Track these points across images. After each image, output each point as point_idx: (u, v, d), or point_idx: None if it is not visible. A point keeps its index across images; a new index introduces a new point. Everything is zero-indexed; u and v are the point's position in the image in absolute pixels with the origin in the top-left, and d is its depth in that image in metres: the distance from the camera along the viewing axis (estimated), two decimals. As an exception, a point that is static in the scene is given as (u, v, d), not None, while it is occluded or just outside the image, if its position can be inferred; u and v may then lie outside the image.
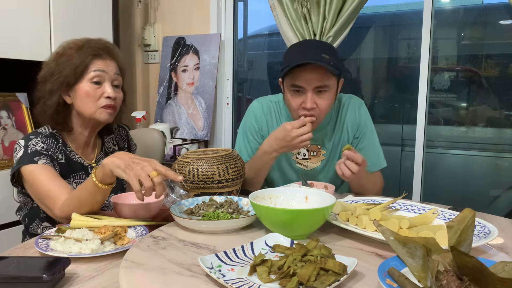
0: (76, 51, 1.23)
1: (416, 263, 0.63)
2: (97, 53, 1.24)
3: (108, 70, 1.25)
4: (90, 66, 1.22)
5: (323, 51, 1.35)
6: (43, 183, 1.17)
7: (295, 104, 1.39)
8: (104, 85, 1.24)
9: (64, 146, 1.28)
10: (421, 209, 1.10)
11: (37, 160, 1.19)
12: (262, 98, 1.61)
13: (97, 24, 2.43)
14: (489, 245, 0.91)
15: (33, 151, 1.20)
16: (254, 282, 0.70)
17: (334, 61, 1.33)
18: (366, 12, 3.00)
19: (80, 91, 1.22)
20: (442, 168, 3.11)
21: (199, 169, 1.21)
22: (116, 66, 1.29)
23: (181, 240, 0.93)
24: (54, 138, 1.27)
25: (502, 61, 2.98)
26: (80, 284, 0.79)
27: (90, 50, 1.23)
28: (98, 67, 1.23)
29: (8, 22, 1.99)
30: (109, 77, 1.25)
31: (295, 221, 0.89)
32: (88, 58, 1.22)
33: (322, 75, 1.33)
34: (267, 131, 1.54)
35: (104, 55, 1.25)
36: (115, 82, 1.27)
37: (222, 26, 2.85)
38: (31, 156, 1.19)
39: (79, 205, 1.11)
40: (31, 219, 1.30)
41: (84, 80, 1.22)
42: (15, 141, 2.11)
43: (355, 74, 3.56)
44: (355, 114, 1.53)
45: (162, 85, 2.95)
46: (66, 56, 1.23)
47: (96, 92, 1.23)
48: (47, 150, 1.23)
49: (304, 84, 1.34)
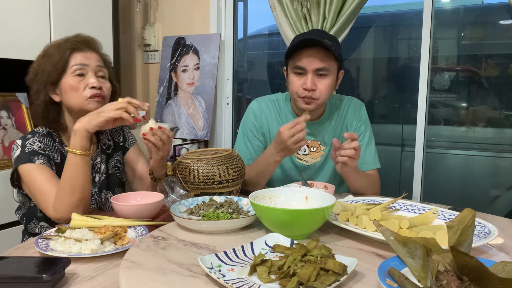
0: (55, 49, 1.25)
1: (416, 263, 0.63)
2: (75, 46, 1.25)
3: (89, 62, 1.26)
4: (70, 60, 1.24)
5: (326, 37, 1.42)
6: (38, 183, 1.17)
7: (296, 85, 1.42)
8: (87, 77, 1.25)
9: (60, 145, 1.29)
10: (421, 209, 1.10)
11: (34, 159, 1.19)
12: (261, 98, 1.64)
13: (97, 24, 2.43)
14: (489, 245, 0.91)
15: (30, 150, 1.21)
16: (254, 282, 0.70)
17: (336, 48, 1.39)
18: (366, 12, 3.00)
19: (64, 85, 1.24)
20: (442, 168, 3.11)
21: (199, 170, 1.21)
22: (98, 57, 1.29)
23: (181, 240, 0.93)
24: (51, 137, 1.28)
25: (502, 61, 2.98)
26: (80, 284, 0.79)
27: (68, 44, 1.25)
28: (79, 60, 1.24)
29: (8, 22, 1.99)
30: (91, 68, 1.26)
31: (295, 221, 0.89)
32: (66, 53, 1.23)
33: (324, 57, 1.38)
34: (267, 129, 1.56)
35: (83, 48, 1.26)
36: (99, 73, 1.28)
37: (222, 26, 2.84)
38: (29, 155, 1.20)
39: (70, 190, 1.12)
40: (29, 219, 1.30)
41: (66, 74, 1.24)
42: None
43: (355, 74, 3.55)
44: (355, 114, 1.57)
45: (162, 85, 2.95)
46: (47, 56, 1.25)
47: (80, 84, 1.24)
48: (44, 149, 1.23)
49: (305, 64, 1.39)
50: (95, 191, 1.33)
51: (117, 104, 1.16)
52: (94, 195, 1.32)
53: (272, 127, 1.57)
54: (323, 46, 1.36)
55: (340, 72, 1.47)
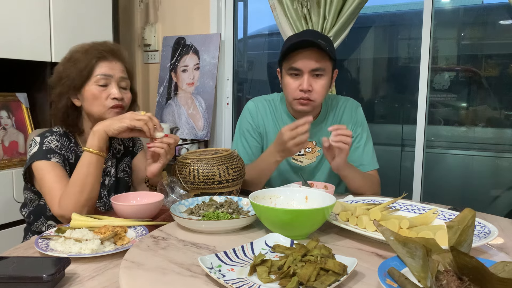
0: (82, 54, 1.26)
1: (416, 263, 0.63)
2: (102, 55, 1.26)
3: (114, 72, 1.27)
4: (95, 69, 1.25)
5: (320, 37, 1.43)
6: (49, 180, 1.19)
7: (292, 87, 1.43)
8: (109, 87, 1.26)
9: (76, 146, 1.31)
10: (421, 209, 1.10)
11: (50, 157, 1.21)
12: (257, 98, 1.64)
13: (97, 24, 2.43)
14: (489, 245, 0.91)
15: (48, 148, 1.23)
16: (254, 282, 0.70)
17: (330, 48, 1.40)
18: (366, 12, 3.00)
19: (87, 93, 1.25)
20: (442, 168, 3.11)
21: (199, 170, 1.21)
22: (122, 67, 1.31)
23: (181, 240, 0.93)
24: (67, 138, 1.30)
25: (502, 61, 2.98)
26: (80, 284, 0.79)
27: (95, 52, 1.26)
28: (104, 71, 1.25)
29: (8, 22, 1.99)
30: (115, 79, 1.27)
31: (295, 221, 0.89)
32: (93, 61, 1.25)
33: (319, 58, 1.39)
34: (264, 129, 1.57)
35: (109, 57, 1.27)
36: (121, 83, 1.29)
37: (222, 26, 2.84)
38: (46, 153, 1.22)
39: (80, 188, 1.13)
40: (37, 217, 1.31)
41: (90, 82, 1.25)
42: (15, 141, 2.11)
43: (355, 74, 3.55)
44: (352, 115, 1.57)
45: (162, 85, 2.95)
46: (73, 60, 1.26)
47: (102, 94, 1.25)
48: (61, 149, 1.25)
49: (301, 66, 1.39)
50: (104, 194, 1.34)
51: (140, 115, 1.18)
52: (103, 198, 1.34)
53: (269, 126, 1.57)
54: (317, 46, 1.36)
55: (334, 71, 1.48)
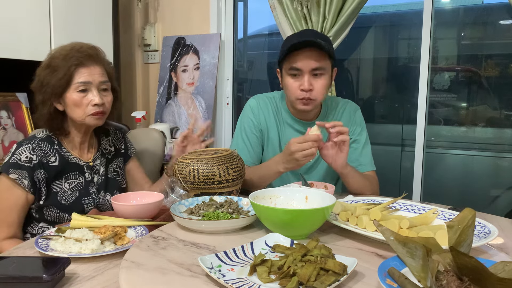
0: (60, 61, 1.25)
1: (416, 263, 0.63)
2: (79, 62, 1.25)
3: (93, 78, 1.26)
4: (74, 77, 1.25)
5: (319, 37, 1.44)
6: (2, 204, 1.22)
7: (293, 87, 1.43)
8: (90, 93, 1.26)
9: (59, 147, 1.31)
10: (421, 209, 1.10)
11: (10, 172, 1.22)
12: (258, 95, 1.65)
13: (97, 24, 2.43)
14: (489, 245, 0.91)
15: (13, 162, 1.23)
16: (254, 282, 0.70)
17: (329, 47, 1.41)
18: (366, 12, 3.00)
19: (68, 100, 1.26)
20: (442, 168, 3.11)
21: (199, 170, 1.21)
22: (102, 71, 1.30)
23: (181, 240, 0.93)
24: (49, 141, 1.30)
25: (502, 61, 2.98)
26: (80, 284, 0.79)
27: (73, 59, 1.25)
28: (83, 78, 1.25)
29: (8, 22, 1.99)
30: (95, 85, 1.27)
31: (295, 221, 0.89)
32: (71, 68, 1.24)
33: (319, 57, 1.40)
34: (265, 126, 1.57)
35: (87, 63, 1.26)
36: (102, 86, 1.29)
37: (222, 26, 2.84)
38: (9, 166, 1.23)
39: None
40: (27, 222, 1.30)
41: (70, 90, 1.25)
42: (15, 141, 2.11)
43: (355, 74, 3.55)
44: (351, 117, 1.58)
45: (162, 85, 2.95)
46: (52, 67, 1.25)
47: (83, 100, 1.25)
48: (34, 159, 1.24)
49: (301, 65, 1.40)
50: (93, 191, 1.35)
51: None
52: (92, 195, 1.34)
53: (270, 124, 1.57)
54: (317, 46, 1.37)
55: (333, 70, 1.49)
